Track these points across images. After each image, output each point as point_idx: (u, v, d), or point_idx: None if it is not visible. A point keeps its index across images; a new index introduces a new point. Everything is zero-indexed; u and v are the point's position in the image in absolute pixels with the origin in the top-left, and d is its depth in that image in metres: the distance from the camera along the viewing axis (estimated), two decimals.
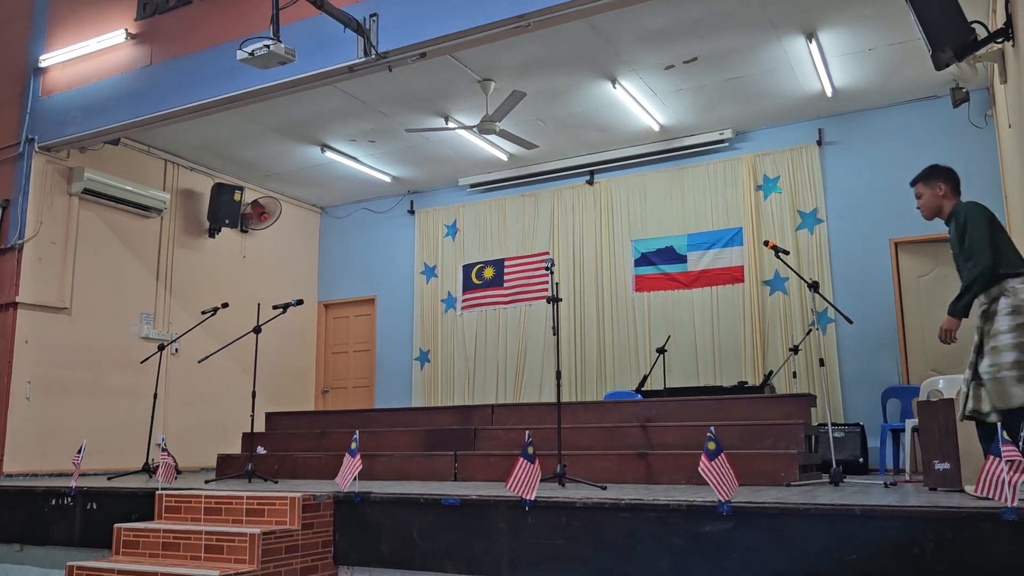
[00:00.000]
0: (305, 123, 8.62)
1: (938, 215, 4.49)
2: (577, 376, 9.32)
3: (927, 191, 4.49)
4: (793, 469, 5.09)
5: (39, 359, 7.95)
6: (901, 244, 8.11)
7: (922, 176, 4.54)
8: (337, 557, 4.83)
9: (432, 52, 6.36)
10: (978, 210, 4.20)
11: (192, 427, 9.13)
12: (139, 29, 7.81)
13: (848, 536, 3.53)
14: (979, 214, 4.18)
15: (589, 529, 4.08)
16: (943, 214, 4.45)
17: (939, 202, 4.46)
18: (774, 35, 6.87)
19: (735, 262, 8.74)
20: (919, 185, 4.54)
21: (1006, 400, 3.88)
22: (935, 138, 7.99)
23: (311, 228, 11.42)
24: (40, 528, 5.92)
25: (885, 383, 7.63)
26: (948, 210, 4.41)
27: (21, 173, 8.13)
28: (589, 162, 9.55)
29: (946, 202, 4.43)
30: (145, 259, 9.14)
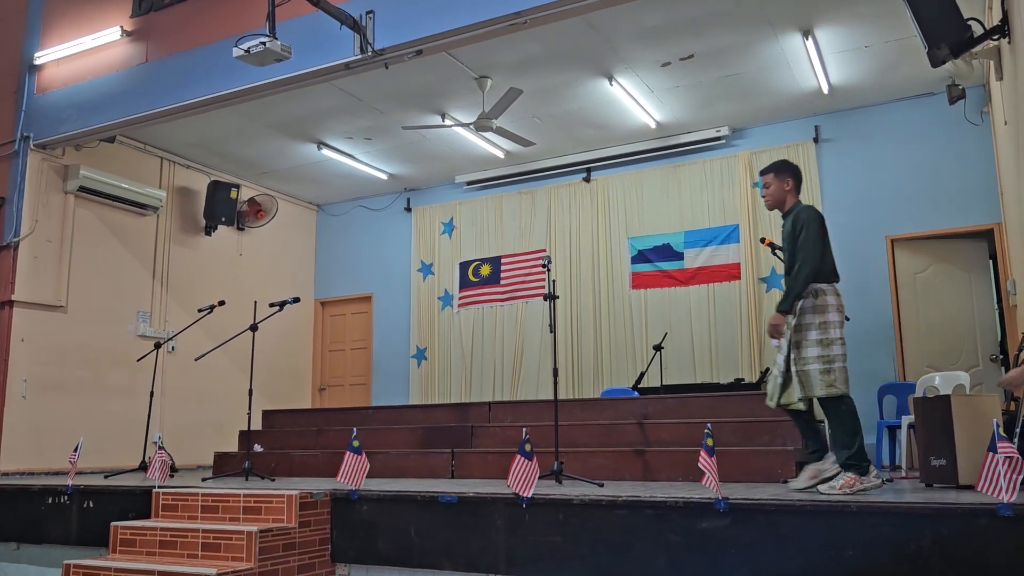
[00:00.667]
0: (301, 120, 8.61)
1: (780, 207, 4.70)
2: (574, 373, 9.33)
3: (776, 183, 4.68)
4: (790, 466, 5.10)
5: (35, 358, 7.94)
6: (897, 241, 8.13)
7: (773, 168, 4.72)
8: (334, 555, 4.84)
9: (428, 49, 6.35)
10: (817, 216, 4.49)
11: (189, 425, 9.12)
12: (135, 26, 7.79)
13: (845, 532, 3.54)
14: (816, 220, 4.47)
15: (586, 526, 4.09)
16: (784, 207, 4.67)
17: (784, 196, 4.67)
18: (771, 32, 6.88)
19: (732, 259, 8.74)
20: (769, 175, 4.71)
21: (810, 390, 4.30)
22: (931, 135, 8.01)
23: (308, 226, 11.41)
24: (37, 527, 5.91)
25: (881, 380, 7.64)
26: (789, 205, 4.65)
27: (16, 171, 8.10)
28: (586, 159, 9.55)
29: (790, 197, 4.67)
30: (141, 257, 9.13)
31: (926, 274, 8.03)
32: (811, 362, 4.33)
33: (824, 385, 4.28)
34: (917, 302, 7.98)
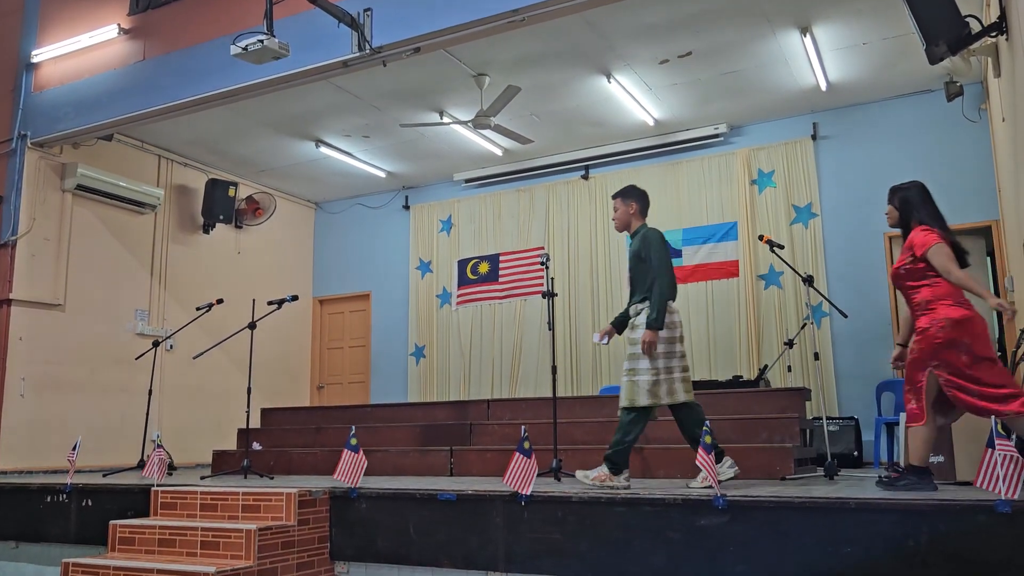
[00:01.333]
0: (299, 118, 8.60)
1: (626, 229, 4.99)
2: (573, 371, 9.33)
3: (623, 207, 4.97)
4: (788, 463, 5.11)
5: (33, 356, 7.93)
6: (895, 238, 8.12)
7: (621, 193, 5.00)
8: (333, 552, 4.84)
9: (426, 47, 6.34)
10: (660, 237, 4.83)
11: (187, 423, 9.12)
12: (132, 24, 7.78)
13: (843, 529, 3.54)
14: (663, 242, 4.82)
15: (585, 523, 4.09)
16: (630, 229, 4.97)
17: (629, 219, 4.96)
18: (769, 29, 6.87)
19: (730, 257, 8.74)
20: (617, 200, 5.00)
21: (633, 400, 4.58)
22: (929, 132, 8.01)
23: (306, 224, 11.40)
24: (35, 525, 5.91)
25: (879, 377, 7.65)
26: (635, 227, 4.94)
27: (14, 169, 8.09)
28: (584, 157, 9.55)
29: (635, 220, 4.96)
30: (139, 255, 9.12)
31: None
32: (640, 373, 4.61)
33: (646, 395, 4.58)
34: None
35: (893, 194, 4.53)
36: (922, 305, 4.18)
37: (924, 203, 4.45)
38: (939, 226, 4.35)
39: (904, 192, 4.50)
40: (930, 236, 4.24)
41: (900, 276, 4.33)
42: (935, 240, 4.20)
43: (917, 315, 4.23)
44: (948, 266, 4.11)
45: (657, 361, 4.60)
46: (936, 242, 4.19)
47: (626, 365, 4.68)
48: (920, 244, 4.23)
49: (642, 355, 4.59)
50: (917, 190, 4.49)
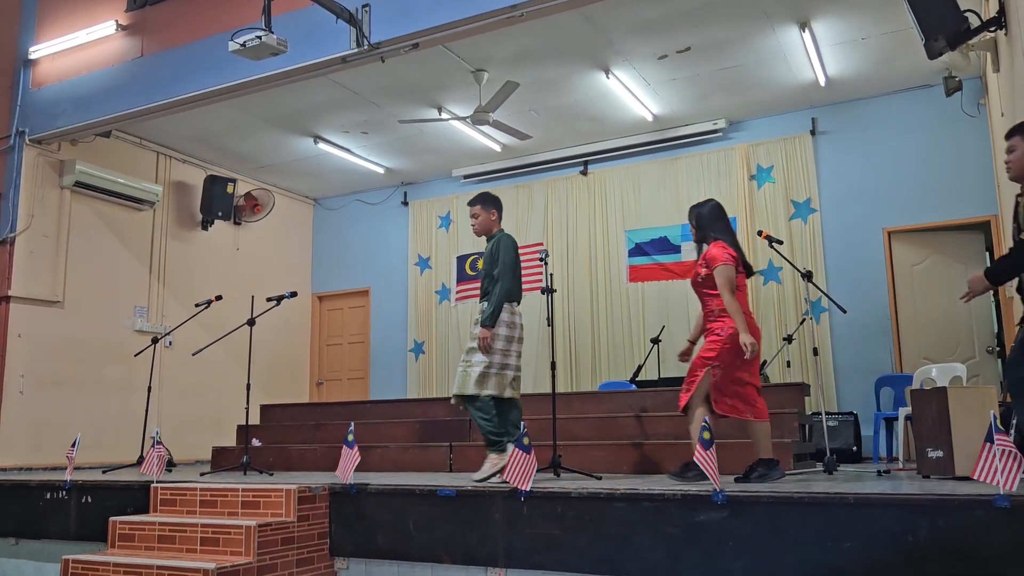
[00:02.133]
0: (298, 114, 8.59)
1: (486, 234, 5.43)
2: (572, 367, 9.34)
3: (483, 213, 5.41)
4: (787, 458, 5.11)
5: (32, 353, 7.93)
6: (894, 233, 8.13)
7: (480, 200, 5.43)
8: (333, 549, 4.84)
9: (425, 43, 6.34)
10: (513, 244, 5.29)
11: (187, 420, 9.12)
12: (130, 20, 7.76)
13: (842, 524, 3.55)
14: (513, 247, 5.27)
15: (584, 519, 4.10)
16: (489, 234, 5.41)
17: (490, 224, 5.42)
18: (767, 24, 6.87)
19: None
20: (478, 207, 5.42)
21: (463, 388, 5.04)
22: (928, 127, 8.01)
23: (304, 220, 11.39)
24: (35, 522, 5.91)
25: (878, 372, 7.66)
26: (494, 232, 5.40)
27: (12, 166, 8.08)
28: (583, 152, 9.54)
29: (494, 226, 5.43)
30: (138, 252, 9.11)
31: (923, 266, 8.04)
32: (472, 365, 5.08)
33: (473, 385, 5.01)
34: (914, 294, 8.00)
35: (691, 212, 4.97)
36: (715, 312, 4.67)
37: (717, 219, 4.87)
38: (729, 241, 4.78)
39: (699, 209, 4.93)
40: (721, 254, 4.66)
41: (698, 283, 4.78)
42: (723, 260, 4.62)
43: (709, 320, 4.72)
44: (724, 288, 4.58)
45: (493, 356, 5.04)
46: (723, 263, 4.62)
47: (463, 356, 5.16)
48: (712, 259, 4.67)
49: (478, 349, 5.05)
50: (710, 207, 4.91)
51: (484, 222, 5.40)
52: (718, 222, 4.86)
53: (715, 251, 4.67)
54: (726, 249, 4.68)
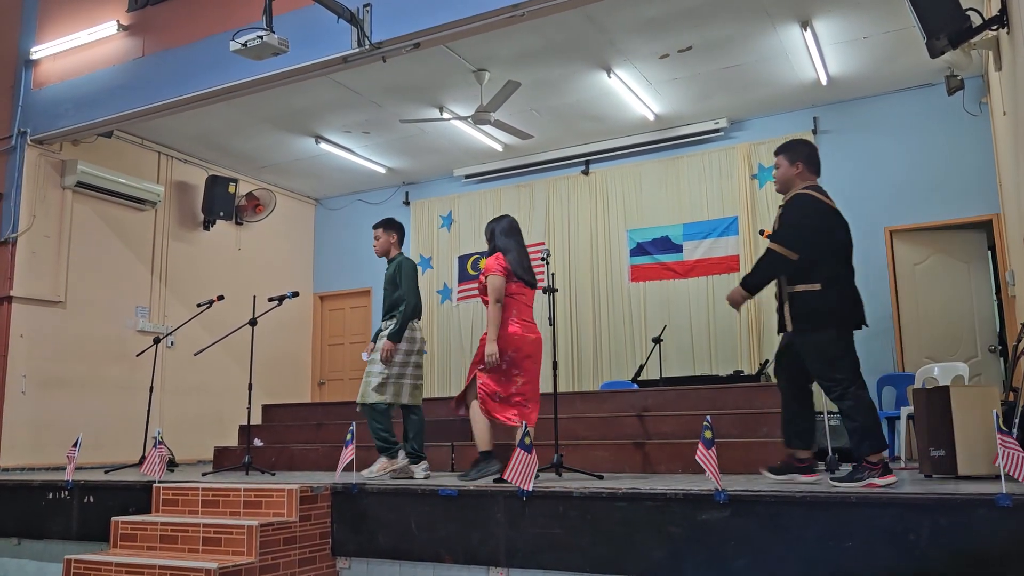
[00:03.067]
0: (299, 114, 8.59)
1: (386, 256, 5.83)
2: (574, 366, 9.34)
3: (384, 236, 5.82)
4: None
5: (34, 353, 7.93)
6: (896, 232, 8.13)
7: (383, 224, 5.85)
8: (335, 548, 4.85)
9: (426, 42, 6.33)
10: (413, 267, 5.69)
11: (188, 420, 9.12)
12: (131, 20, 7.77)
13: (844, 523, 3.55)
14: (413, 268, 5.68)
15: (586, 519, 4.09)
16: (389, 256, 5.81)
17: (389, 246, 5.83)
18: (769, 23, 6.86)
19: (731, 251, 8.74)
20: (379, 230, 5.83)
21: (364, 397, 5.43)
22: (930, 126, 8.00)
23: (306, 220, 11.40)
24: (37, 522, 5.92)
25: (880, 371, 7.65)
26: (393, 255, 5.80)
27: (14, 166, 8.09)
28: (584, 152, 9.53)
29: (393, 249, 5.85)
30: (140, 252, 9.12)
31: (925, 265, 8.03)
32: (372, 376, 5.46)
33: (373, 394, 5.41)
34: (916, 293, 7.99)
35: (487, 226, 5.48)
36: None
37: (506, 235, 5.38)
38: (512, 256, 5.29)
39: (493, 224, 5.46)
40: (494, 265, 5.19)
41: (481, 290, 5.27)
42: (494, 271, 5.15)
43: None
44: (492, 297, 5.13)
45: (392, 368, 5.42)
46: (495, 272, 5.16)
47: (367, 368, 5.54)
48: (486, 268, 5.21)
49: (379, 361, 5.43)
50: (504, 224, 5.44)
51: (384, 244, 5.82)
52: (508, 238, 5.35)
53: (490, 262, 5.23)
54: (499, 261, 5.20)
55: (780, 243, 4.27)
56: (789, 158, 4.52)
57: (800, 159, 4.51)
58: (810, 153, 4.57)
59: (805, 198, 4.38)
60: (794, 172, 4.51)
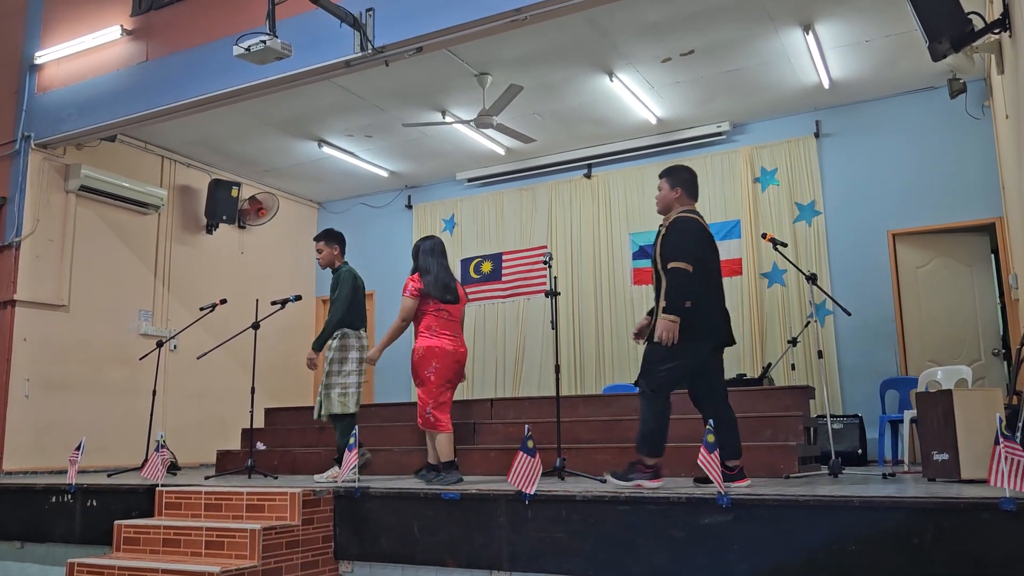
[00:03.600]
0: (302, 118, 8.61)
1: (331, 267, 6.15)
2: (576, 369, 9.33)
3: (327, 249, 6.12)
4: (792, 461, 5.10)
5: (37, 357, 7.95)
6: (899, 236, 8.12)
7: (324, 236, 6.15)
8: (338, 552, 4.84)
9: (428, 46, 6.35)
10: (351, 278, 6.01)
11: (191, 423, 9.13)
12: (135, 25, 7.79)
13: (847, 527, 3.54)
14: (352, 279, 6.01)
15: (589, 522, 4.09)
16: (334, 267, 6.13)
17: (333, 259, 6.15)
18: (771, 27, 6.87)
19: (733, 254, 8.73)
20: (321, 243, 6.13)
21: (329, 409, 5.83)
22: (932, 129, 8.00)
23: (309, 223, 11.41)
24: (40, 525, 5.93)
25: (883, 374, 7.64)
26: (337, 265, 6.14)
27: (18, 170, 8.11)
28: (587, 155, 9.54)
29: (337, 260, 6.16)
30: (143, 256, 9.13)
31: (928, 268, 8.02)
32: (331, 388, 5.86)
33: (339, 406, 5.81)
34: (919, 296, 7.98)
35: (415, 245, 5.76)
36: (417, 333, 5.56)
37: (427, 254, 5.66)
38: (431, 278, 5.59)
39: (419, 242, 5.74)
40: (410, 287, 5.54)
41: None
42: (408, 292, 5.53)
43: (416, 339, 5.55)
44: (401, 315, 5.56)
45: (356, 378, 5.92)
46: (408, 295, 5.53)
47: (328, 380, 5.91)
48: (404, 287, 5.56)
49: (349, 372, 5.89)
50: (429, 244, 5.71)
51: (328, 256, 6.13)
52: (430, 258, 5.64)
53: (407, 282, 5.58)
54: (415, 283, 5.54)
55: (678, 260, 4.50)
56: (670, 183, 4.86)
57: (679, 184, 4.84)
58: (689, 179, 4.88)
59: (687, 221, 4.69)
60: (674, 196, 4.84)
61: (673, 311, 4.43)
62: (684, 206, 4.83)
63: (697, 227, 4.68)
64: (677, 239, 4.60)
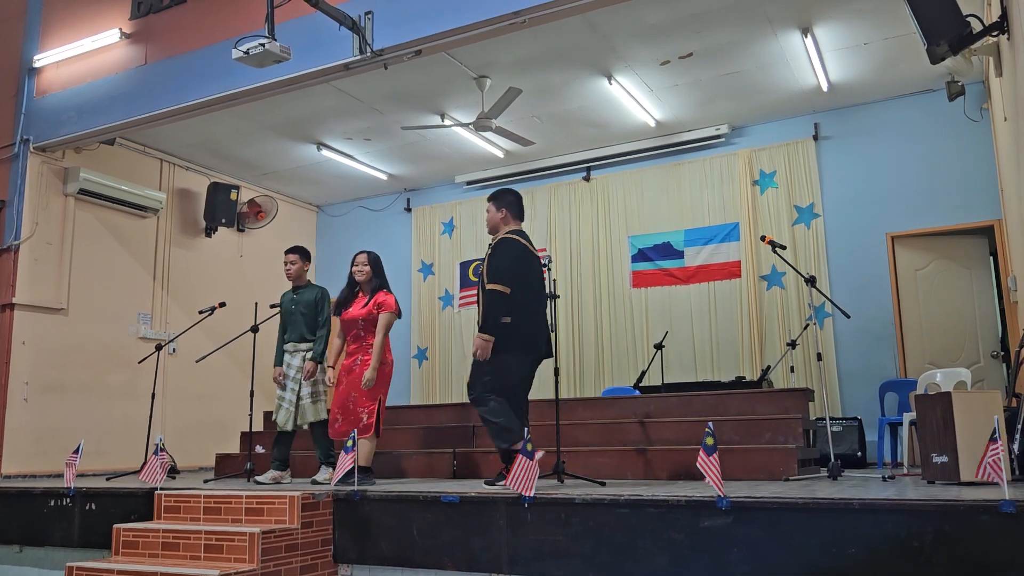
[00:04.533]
0: (301, 121, 8.61)
1: (299, 282, 6.32)
2: (575, 372, 9.33)
3: (300, 263, 6.32)
4: (791, 463, 5.10)
5: (36, 360, 7.94)
6: (898, 238, 8.13)
7: (300, 251, 6.35)
8: (337, 555, 4.84)
9: (427, 49, 6.35)
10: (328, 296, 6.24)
11: (190, 426, 9.13)
12: (133, 28, 7.79)
13: (847, 530, 3.54)
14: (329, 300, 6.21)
15: (588, 525, 4.09)
16: (301, 281, 6.32)
17: (302, 273, 6.34)
18: (770, 30, 6.87)
19: (732, 257, 8.74)
20: (296, 256, 6.31)
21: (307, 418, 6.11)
22: (931, 132, 8.01)
23: (308, 226, 11.41)
24: (39, 529, 5.92)
25: (883, 377, 7.65)
26: (304, 280, 6.34)
27: (16, 174, 8.11)
28: (585, 158, 9.55)
29: (304, 275, 6.34)
30: (142, 259, 9.13)
31: (927, 271, 8.03)
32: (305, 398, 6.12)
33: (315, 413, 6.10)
34: (918, 299, 7.99)
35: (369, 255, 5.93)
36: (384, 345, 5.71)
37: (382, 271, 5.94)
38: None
39: (376, 255, 5.95)
40: (393, 304, 5.76)
41: (366, 319, 5.73)
42: (392, 309, 5.74)
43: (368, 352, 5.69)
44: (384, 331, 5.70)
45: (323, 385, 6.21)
46: (393, 311, 5.73)
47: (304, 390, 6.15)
48: (384, 304, 5.72)
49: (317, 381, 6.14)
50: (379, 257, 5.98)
51: (299, 270, 6.29)
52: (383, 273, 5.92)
53: (389, 299, 5.76)
54: (393, 299, 5.78)
55: (496, 282, 4.89)
56: (496, 205, 5.20)
57: (504, 206, 5.18)
58: (513, 201, 5.23)
59: (510, 242, 5.05)
60: (500, 217, 5.18)
61: (487, 330, 4.86)
62: (509, 227, 5.17)
63: (518, 248, 5.04)
64: (497, 261, 4.97)
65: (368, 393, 5.65)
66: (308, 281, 6.39)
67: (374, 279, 5.84)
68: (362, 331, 5.76)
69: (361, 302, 5.83)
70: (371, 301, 5.75)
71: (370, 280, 5.85)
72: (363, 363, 5.69)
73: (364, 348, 5.74)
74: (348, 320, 5.82)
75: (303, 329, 6.19)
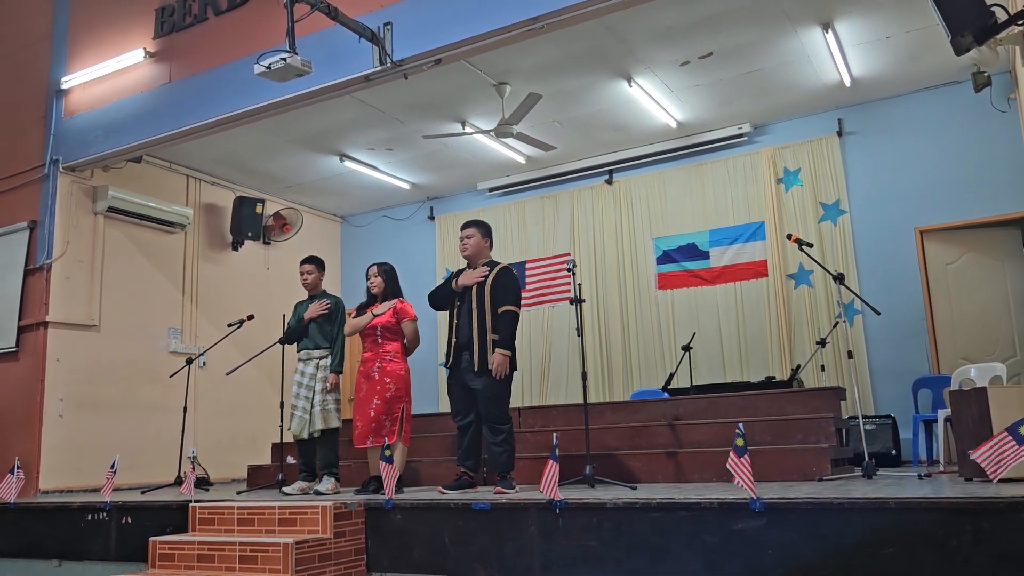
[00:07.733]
0: (323, 134, 8.68)
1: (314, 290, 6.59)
2: (603, 376, 9.30)
3: (317, 274, 6.58)
4: (825, 463, 5.04)
5: (70, 376, 8.06)
6: (926, 232, 8.02)
7: (316, 262, 6.62)
8: (370, 564, 4.86)
9: (447, 58, 6.38)
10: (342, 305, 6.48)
11: (222, 439, 9.21)
12: (157, 47, 7.91)
13: (884, 530, 3.49)
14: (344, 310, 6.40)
15: (620, 529, 4.07)
16: (317, 291, 6.56)
17: (318, 283, 6.60)
18: (789, 27, 6.83)
19: (758, 256, 8.68)
20: (312, 266, 6.60)
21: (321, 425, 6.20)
22: (957, 124, 7.90)
23: (332, 238, 11.49)
24: (77, 543, 6.00)
25: (915, 373, 7.54)
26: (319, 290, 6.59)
27: (47, 194, 8.25)
28: (607, 162, 9.53)
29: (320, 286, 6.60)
30: (171, 274, 9.24)
31: (957, 264, 7.91)
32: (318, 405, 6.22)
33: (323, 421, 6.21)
34: (949, 293, 7.87)
35: (380, 266, 6.07)
36: (391, 353, 5.89)
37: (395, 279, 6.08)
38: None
39: (388, 266, 6.10)
40: (411, 310, 5.97)
41: (386, 328, 5.88)
42: (414, 315, 5.98)
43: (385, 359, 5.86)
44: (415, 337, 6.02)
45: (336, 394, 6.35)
46: (415, 317, 5.98)
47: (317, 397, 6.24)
48: (404, 312, 5.93)
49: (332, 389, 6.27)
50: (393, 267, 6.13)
51: (315, 280, 6.55)
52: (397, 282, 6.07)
53: (406, 306, 5.97)
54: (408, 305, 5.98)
55: (512, 305, 5.40)
56: (481, 233, 5.65)
57: (488, 236, 5.69)
58: (490, 231, 5.77)
59: (511, 273, 5.56)
60: (484, 244, 5.65)
61: (508, 347, 5.31)
62: (488, 255, 5.68)
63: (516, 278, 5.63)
64: (510, 287, 5.45)
65: (389, 400, 5.79)
66: (323, 291, 6.56)
67: (387, 289, 5.99)
68: (380, 338, 5.88)
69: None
70: (389, 310, 5.91)
71: (384, 291, 6.00)
72: (381, 370, 5.80)
73: (381, 355, 5.86)
74: (367, 328, 5.94)
75: (317, 338, 6.33)
